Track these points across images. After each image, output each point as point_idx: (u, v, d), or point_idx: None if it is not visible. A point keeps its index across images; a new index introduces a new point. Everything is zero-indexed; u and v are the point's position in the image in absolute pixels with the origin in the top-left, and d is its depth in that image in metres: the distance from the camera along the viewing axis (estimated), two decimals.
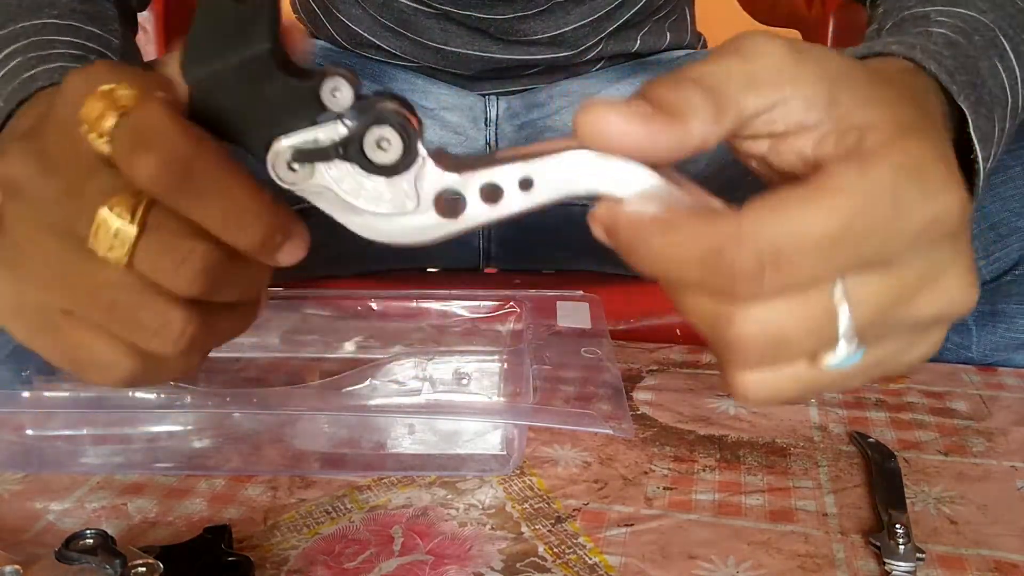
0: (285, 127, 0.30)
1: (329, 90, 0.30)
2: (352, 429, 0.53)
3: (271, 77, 0.30)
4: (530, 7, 0.75)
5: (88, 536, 0.39)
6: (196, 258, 0.31)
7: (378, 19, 0.80)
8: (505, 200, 0.30)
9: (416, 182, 0.30)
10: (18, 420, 0.52)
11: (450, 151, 0.90)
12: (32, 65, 0.48)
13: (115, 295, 0.32)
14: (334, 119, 0.30)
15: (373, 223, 0.31)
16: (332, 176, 0.30)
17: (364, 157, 0.30)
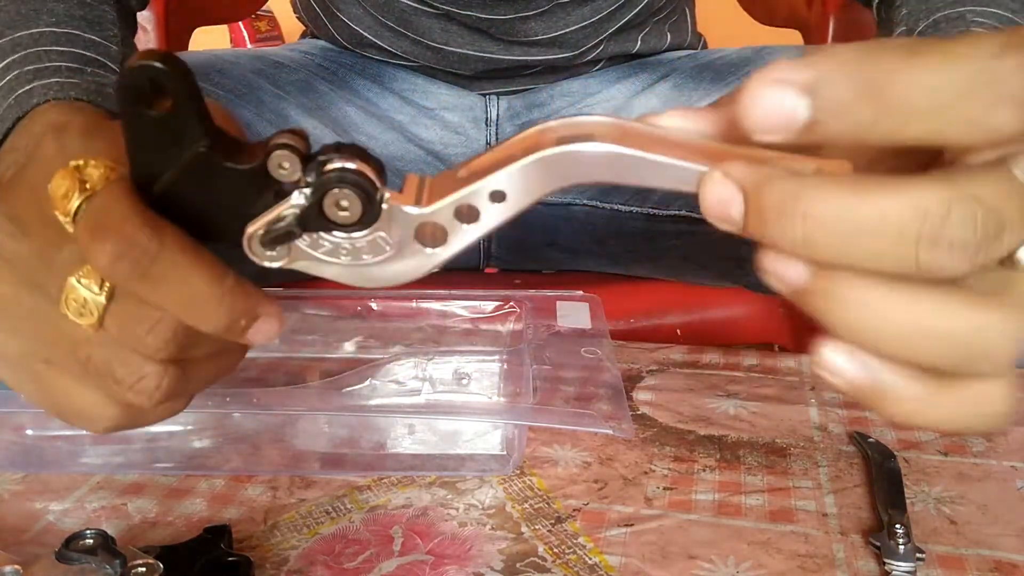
0: (248, 213, 0.30)
1: (276, 166, 0.29)
2: (352, 429, 0.53)
3: (218, 171, 0.30)
4: (531, 7, 0.75)
5: (88, 536, 0.39)
6: (164, 327, 0.31)
7: (379, 19, 0.80)
8: (482, 219, 0.29)
9: (391, 227, 0.30)
10: (18, 420, 0.52)
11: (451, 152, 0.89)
12: (28, 80, 0.48)
13: (89, 351, 0.32)
14: (291, 191, 0.29)
15: (366, 273, 0.31)
16: (309, 245, 0.30)
17: (330, 222, 0.29)
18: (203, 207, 0.30)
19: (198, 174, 0.30)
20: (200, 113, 0.29)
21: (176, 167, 0.30)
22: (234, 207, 0.30)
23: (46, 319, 0.32)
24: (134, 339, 0.32)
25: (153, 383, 0.32)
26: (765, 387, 0.61)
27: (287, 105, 0.79)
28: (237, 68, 0.78)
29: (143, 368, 0.32)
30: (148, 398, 0.33)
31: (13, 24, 0.53)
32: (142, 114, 0.29)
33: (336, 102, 0.82)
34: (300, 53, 0.85)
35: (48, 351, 0.33)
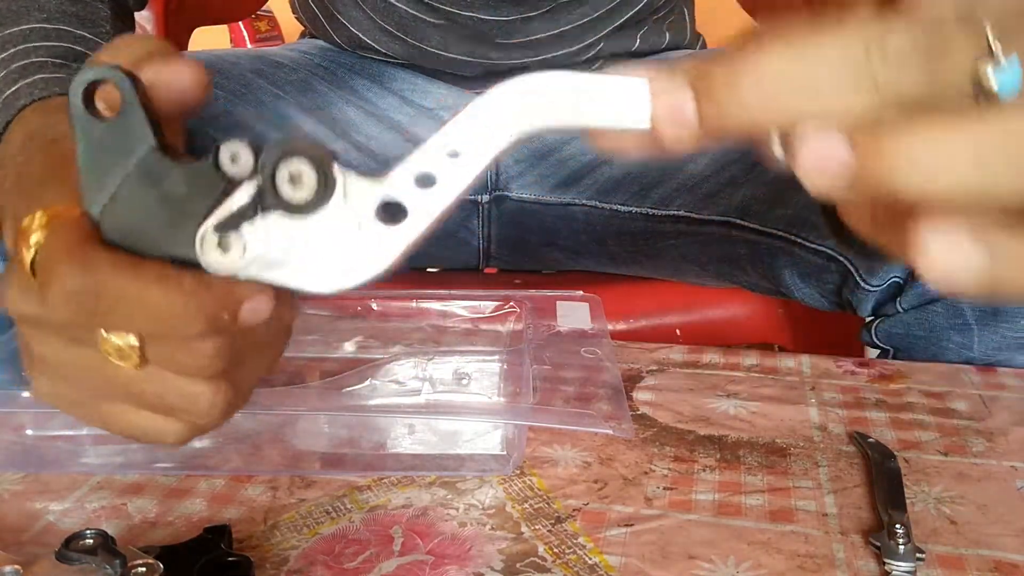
0: (200, 214, 0.29)
1: (228, 158, 0.28)
2: (352, 429, 0.53)
3: (167, 172, 0.29)
4: (534, 8, 0.75)
5: (88, 536, 0.39)
6: (203, 348, 0.31)
7: (377, 22, 0.80)
8: (441, 180, 0.28)
9: (348, 203, 0.28)
10: (18, 420, 0.52)
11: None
12: (13, 79, 0.48)
13: (141, 387, 0.33)
14: (243, 181, 0.28)
15: (327, 270, 0.29)
16: (263, 239, 0.29)
17: (284, 201, 0.28)
18: (150, 219, 0.29)
19: (147, 179, 0.29)
20: (149, 117, 0.29)
21: (124, 175, 0.29)
22: (182, 215, 0.29)
23: (95, 367, 0.33)
24: (179, 368, 0.32)
25: (207, 402, 0.33)
26: (765, 387, 0.61)
27: (286, 105, 0.79)
28: (237, 68, 0.78)
29: (194, 391, 0.33)
30: (207, 416, 0.33)
31: (4, 20, 0.53)
32: (91, 122, 0.29)
33: (335, 102, 0.82)
34: (299, 53, 0.85)
35: (102, 395, 0.34)
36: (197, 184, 0.29)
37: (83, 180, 0.30)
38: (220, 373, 0.32)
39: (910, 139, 0.23)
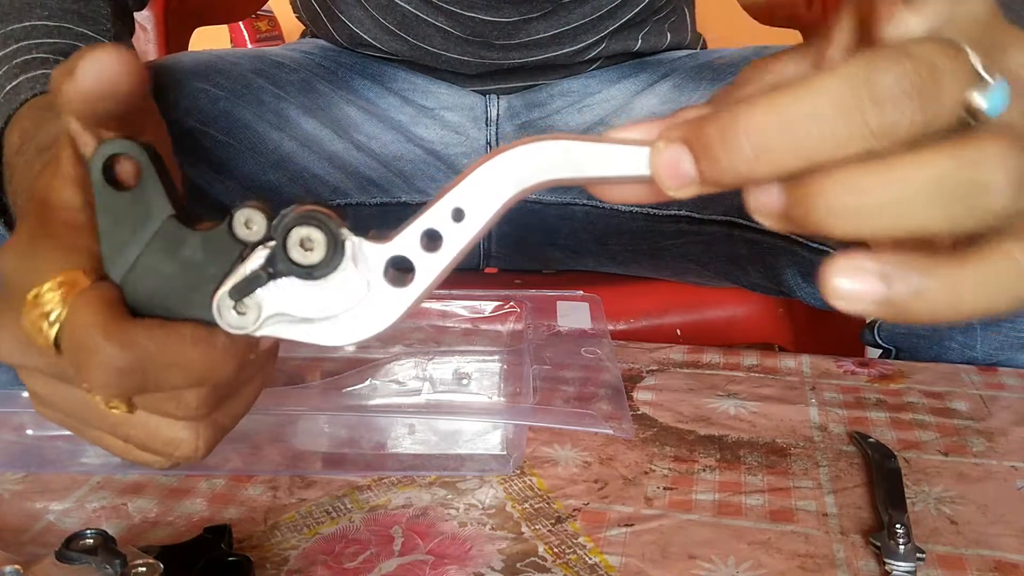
0: (217, 279, 0.30)
1: (242, 224, 0.30)
2: (352, 429, 0.53)
3: (185, 240, 0.30)
4: (535, 9, 0.75)
5: (88, 536, 0.39)
6: (189, 398, 0.32)
7: (380, 21, 0.80)
8: (447, 241, 0.29)
9: (357, 266, 0.30)
10: (18, 420, 0.52)
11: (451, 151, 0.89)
12: (14, 74, 0.48)
13: (127, 431, 0.34)
14: (256, 247, 0.30)
15: (339, 328, 0.30)
16: (277, 301, 0.30)
17: (296, 266, 0.29)
18: (170, 285, 0.31)
19: (165, 247, 0.30)
20: (167, 183, 0.30)
21: (144, 244, 0.30)
22: (200, 280, 0.30)
23: (86, 406, 0.33)
24: (167, 413, 0.33)
25: (191, 447, 0.34)
26: (765, 387, 0.61)
27: (287, 105, 0.79)
28: (237, 68, 0.78)
29: (178, 436, 0.34)
30: (191, 457, 0.34)
31: (6, 17, 0.53)
32: (111, 194, 0.30)
33: (336, 102, 0.82)
34: (300, 53, 0.85)
35: (94, 434, 0.35)
36: (213, 250, 0.30)
37: (104, 250, 0.31)
38: (204, 416, 0.33)
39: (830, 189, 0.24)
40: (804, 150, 0.24)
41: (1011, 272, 0.25)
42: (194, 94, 0.74)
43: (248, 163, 0.76)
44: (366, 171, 0.81)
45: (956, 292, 0.25)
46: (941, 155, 0.24)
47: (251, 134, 0.76)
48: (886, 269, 0.25)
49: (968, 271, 0.25)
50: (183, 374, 0.31)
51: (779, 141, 0.24)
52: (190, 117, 0.73)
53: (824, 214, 0.24)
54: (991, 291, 0.25)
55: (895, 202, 0.24)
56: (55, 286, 0.31)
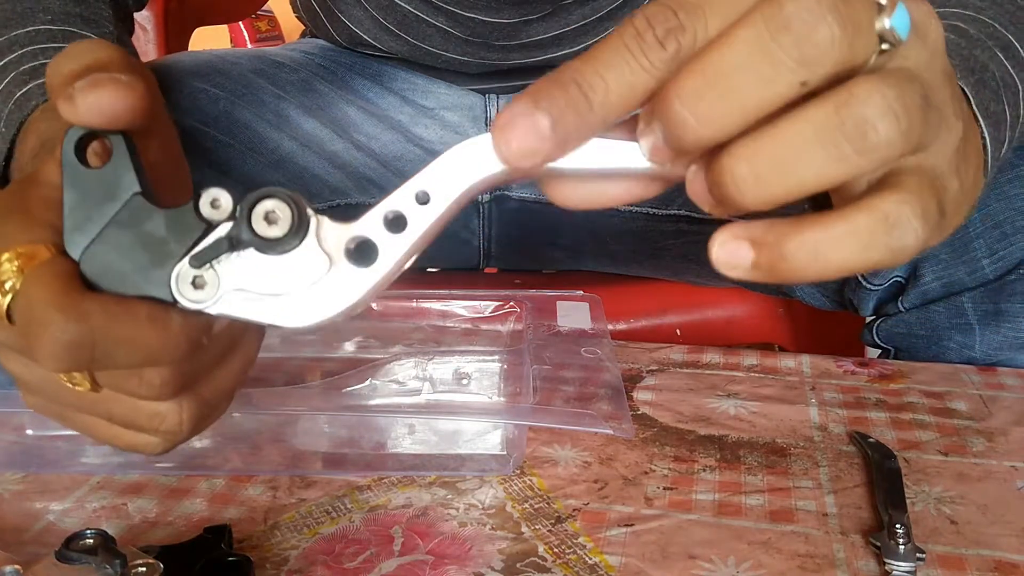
0: (178, 255, 0.30)
1: (208, 203, 0.30)
2: (352, 429, 0.53)
3: (149, 217, 0.30)
4: (535, 11, 0.75)
5: (88, 536, 0.39)
6: (151, 376, 0.32)
7: (380, 21, 0.80)
8: (411, 223, 0.29)
9: (320, 242, 0.29)
10: (18, 420, 0.52)
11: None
12: (24, 81, 0.48)
13: (107, 407, 0.33)
14: (220, 223, 0.30)
15: (296, 307, 0.30)
16: (237, 275, 0.30)
17: (258, 237, 0.29)
18: (130, 261, 0.30)
19: (130, 223, 0.30)
20: (134, 163, 0.30)
21: (108, 218, 0.30)
22: (161, 256, 0.30)
23: (59, 386, 0.33)
24: (132, 393, 0.32)
25: (175, 420, 0.33)
26: (765, 387, 0.61)
27: (287, 105, 0.79)
28: (237, 68, 0.78)
29: (159, 410, 0.33)
30: (177, 431, 0.34)
31: (9, 22, 0.53)
32: (80, 170, 0.30)
33: (336, 102, 0.82)
34: (300, 53, 0.85)
35: (79, 407, 0.35)
36: (177, 227, 0.30)
37: (67, 223, 0.30)
38: (177, 393, 0.33)
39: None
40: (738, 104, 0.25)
41: (875, 226, 0.25)
42: (194, 94, 0.74)
43: (248, 163, 0.76)
44: (366, 171, 0.81)
45: (818, 251, 0.26)
46: (818, 104, 0.25)
47: (251, 134, 0.76)
48: (753, 235, 0.26)
49: (829, 230, 0.25)
50: (134, 352, 0.30)
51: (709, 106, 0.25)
52: (190, 117, 0.74)
53: (732, 189, 0.26)
54: (857, 247, 0.25)
55: (785, 160, 0.25)
56: (14, 256, 0.31)
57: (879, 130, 0.24)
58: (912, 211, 0.25)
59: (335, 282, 0.29)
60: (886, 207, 0.25)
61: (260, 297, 0.30)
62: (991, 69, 0.42)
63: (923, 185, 0.26)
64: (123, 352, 0.30)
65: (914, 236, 0.25)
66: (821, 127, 0.24)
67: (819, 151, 0.25)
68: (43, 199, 0.32)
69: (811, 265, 0.26)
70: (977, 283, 0.64)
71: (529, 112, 0.26)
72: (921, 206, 0.26)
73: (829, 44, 0.24)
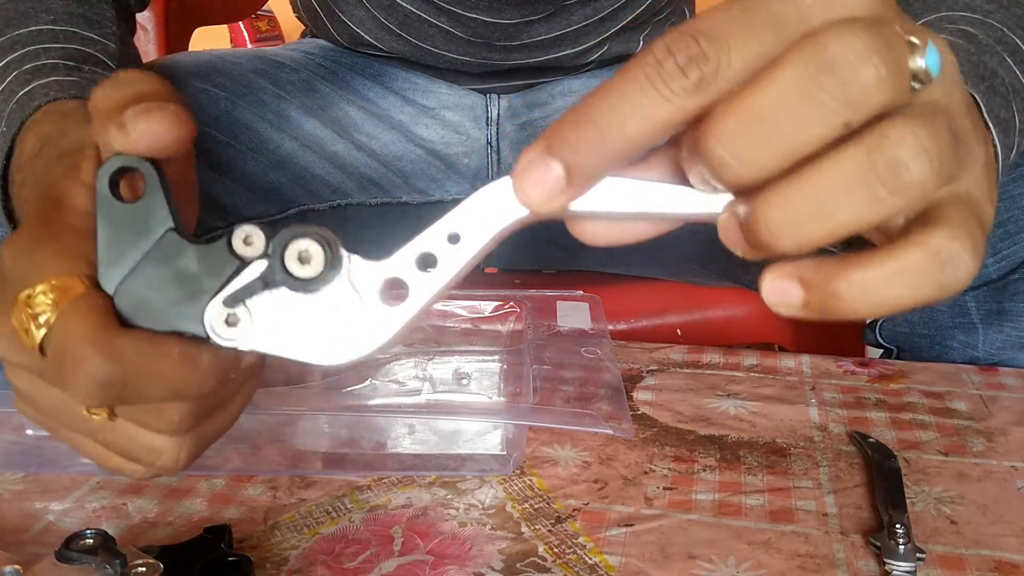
0: (211, 291, 0.30)
1: (241, 240, 0.30)
2: (352, 429, 0.53)
3: (183, 253, 0.30)
4: (537, 11, 0.75)
5: (88, 536, 0.39)
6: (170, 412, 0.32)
7: (381, 21, 0.80)
8: (442, 263, 0.29)
9: (351, 282, 0.30)
10: (18, 420, 0.52)
11: (451, 151, 0.89)
12: (27, 80, 0.48)
13: (107, 437, 0.34)
14: (253, 260, 0.30)
15: (328, 345, 0.30)
16: (269, 313, 0.30)
17: (291, 277, 0.30)
18: (163, 296, 0.31)
19: (163, 258, 0.30)
20: (170, 202, 0.31)
21: (142, 253, 0.31)
22: (193, 292, 0.30)
23: (66, 409, 0.33)
24: (148, 426, 0.33)
25: (171, 457, 0.34)
26: (765, 387, 0.61)
27: (288, 105, 0.79)
28: (238, 68, 0.78)
29: (158, 445, 0.33)
30: (171, 468, 0.34)
31: (12, 22, 0.53)
32: (114, 205, 0.30)
33: (337, 102, 0.82)
34: (301, 53, 0.85)
35: (75, 439, 0.35)
36: (210, 264, 0.30)
37: (101, 258, 0.31)
38: (186, 431, 0.33)
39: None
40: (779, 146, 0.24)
41: (927, 263, 0.25)
42: (195, 95, 0.74)
43: (249, 163, 0.76)
44: (366, 171, 0.81)
45: (869, 290, 0.25)
46: (851, 148, 0.24)
47: (252, 134, 0.76)
48: (803, 275, 0.26)
49: (880, 268, 0.25)
50: (164, 388, 0.31)
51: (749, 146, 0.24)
52: None
53: (767, 236, 0.25)
54: (909, 285, 0.25)
55: (820, 205, 0.25)
56: (48, 289, 0.31)
57: (912, 171, 0.24)
58: (962, 245, 0.25)
59: (367, 321, 0.30)
60: (937, 243, 0.25)
61: (292, 335, 0.30)
62: (1000, 75, 0.42)
63: (968, 216, 0.26)
64: (153, 388, 0.31)
65: (965, 270, 0.25)
66: (855, 171, 0.24)
67: (854, 195, 0.24)
68: (73, 228, 0.32)
69: (862, 304, 0.25)
70: (980, 282, 0.64)
71: (542, 158, 0.26)
72: (971, 239, 0.25)
73: (875, 86, 0.24)
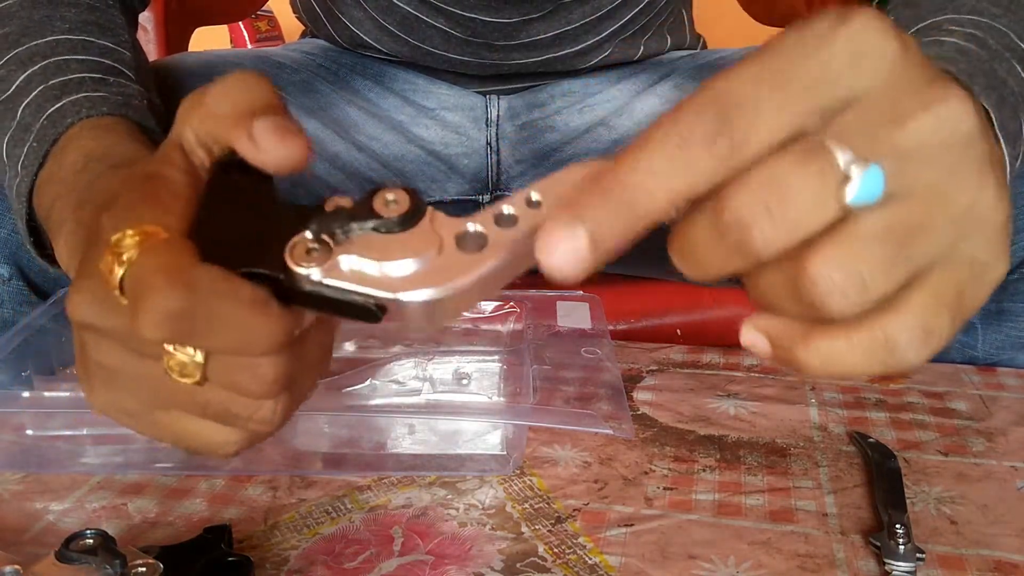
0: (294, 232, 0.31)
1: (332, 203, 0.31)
2: (352, 429, 0.53)
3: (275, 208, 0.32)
4: (535, 10, 0.75)
5: (88, 536, 0.39)
6: (265, 371, 0.32)
7: (380, 22, 0.80)
8: (521, 220, 0.30)
9: (433, 228, 0.30)
10: (18, 420, 0.52)
11: (451, 151, 0.89)
12: (56, 96, 0.48)
13: (204, 398, 0.33)
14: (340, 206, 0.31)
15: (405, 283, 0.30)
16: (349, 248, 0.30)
17: (376, 216, 0.30)
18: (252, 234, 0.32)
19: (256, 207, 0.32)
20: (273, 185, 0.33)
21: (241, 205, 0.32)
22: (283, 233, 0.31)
23: (156, 379, 0.33)
24: (240, 387, 0.32)
25: (269, 412, 0.33)
26: (765, 387, 0.61)
27: (288, 106, 0.79)
28: (238, 69, 0.78)
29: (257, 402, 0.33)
30: (269, 425, 0.34)
31: (27, 32, 0.53)
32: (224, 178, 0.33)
33: (337, 103, 0.82)
34: (301, 53, 0.85)
35: (164, 404, 0.34)
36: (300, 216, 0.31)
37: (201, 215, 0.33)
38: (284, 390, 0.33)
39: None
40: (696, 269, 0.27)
41: (876, 347, 0.26)
42: None
43: None
44: (367, 171, 0.81)
45: (826, 358, 0.27)
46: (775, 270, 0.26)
47: None
48: (771, 333, 0.28)
49: (836, 342, 0.27)
50: (231, 332, 0.31)
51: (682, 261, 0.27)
52: None
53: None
54: (860, 360, 0.27)
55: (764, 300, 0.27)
56: (135, 232, 0.31)
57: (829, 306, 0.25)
58: (911, 336, 0.26)
59: (445, 264, 0.30)
60: (887, 331, 0.26)
61: (370, 272, 0.30)
62: (1010, 84, 0.42)
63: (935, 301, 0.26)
64: (221, 329, 0.30)
65: (915, 355, 0.26)
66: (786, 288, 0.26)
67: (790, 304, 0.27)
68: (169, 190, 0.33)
69: (820, 369, 0.27)
70: None
71: (571, 226, 0.26)
72: (922, 328, 0.26)
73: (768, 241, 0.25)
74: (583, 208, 0.26)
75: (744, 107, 0.25)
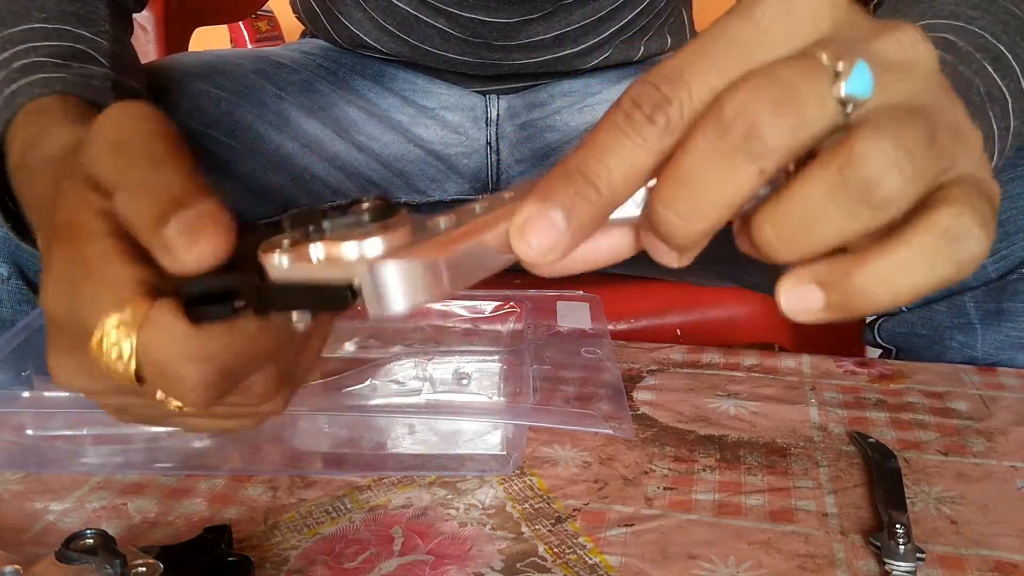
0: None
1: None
2: (352, 429, 0.53)
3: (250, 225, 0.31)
4: (535, 10, 0.75)
5: (88, 536, 0.39)
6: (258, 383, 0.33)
7: (380, 22, 0.80)
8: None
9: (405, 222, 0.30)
10: (18, 420, 0.52)
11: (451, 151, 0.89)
12: (13, 78, 0.48)
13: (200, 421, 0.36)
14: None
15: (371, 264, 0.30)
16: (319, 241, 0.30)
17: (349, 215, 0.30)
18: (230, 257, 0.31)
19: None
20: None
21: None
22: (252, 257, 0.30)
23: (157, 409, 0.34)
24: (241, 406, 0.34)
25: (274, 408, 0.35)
26: (765, 387, 0.61)
27: (288, 106, 0.79)
28: (238, 69, 0.78)
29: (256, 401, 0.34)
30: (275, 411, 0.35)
31: (4, 21, 0.53)
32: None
33: (337, 102, 0.82)
34: (301, 53, 0.85)
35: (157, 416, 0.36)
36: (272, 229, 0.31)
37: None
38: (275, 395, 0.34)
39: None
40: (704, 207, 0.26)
41: (939, 243, 0.25)
42: (196, 96, 0.74)
43: (249, 164, 0.76)
44: (367, 171, 0.81)
45: (887, 279, 0.25)
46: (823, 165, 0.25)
47: (252, 135, 0.76)
48: (819, 277, 0.26)
49: (894, 255, 0.25)
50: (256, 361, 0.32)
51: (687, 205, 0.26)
52: (192, 120, 0.73)
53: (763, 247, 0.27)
54: (925, 267, 0.25)
55: (804, 222, 0.25)
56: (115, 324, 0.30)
57: (884, 186, 0.24)
58: (971, 219, 0.25)
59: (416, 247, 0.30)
60: (945, 222, 0.25)
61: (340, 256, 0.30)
62: (976, 84, 0.42)
63: (971, 192, 0.26)
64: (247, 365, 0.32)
65: (977, 243, 0.25)
66: (830, 189, 0.25)
67: (833, 211, 0.25)
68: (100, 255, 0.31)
69: (884, 294, 0.26)
70: (979, 282, 0.64)
71: (542, 209, 0.27)
72: (977, 211, 0.25)
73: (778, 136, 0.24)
74: (551, 193, 0.27)
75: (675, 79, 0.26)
